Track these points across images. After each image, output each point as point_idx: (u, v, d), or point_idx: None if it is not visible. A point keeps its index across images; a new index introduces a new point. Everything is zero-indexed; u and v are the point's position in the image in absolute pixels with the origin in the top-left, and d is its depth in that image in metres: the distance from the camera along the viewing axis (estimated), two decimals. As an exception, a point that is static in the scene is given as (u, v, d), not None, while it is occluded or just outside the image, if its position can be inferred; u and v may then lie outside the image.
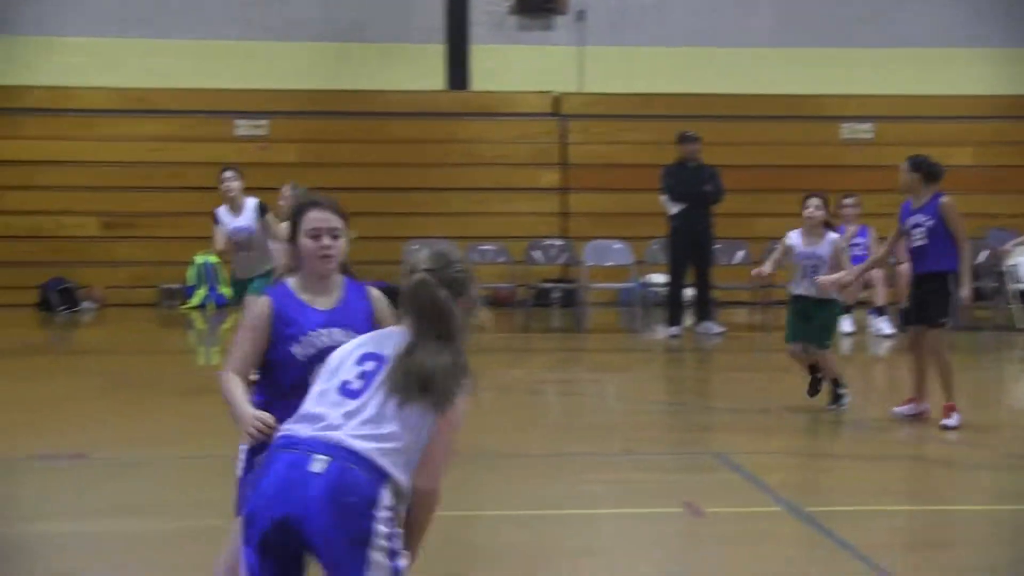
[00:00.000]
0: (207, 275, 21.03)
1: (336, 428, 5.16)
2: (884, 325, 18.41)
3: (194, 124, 21.62)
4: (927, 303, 11.62)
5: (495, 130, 22.11)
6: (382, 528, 5.06)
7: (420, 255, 5.38)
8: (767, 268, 13.09)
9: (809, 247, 13.06)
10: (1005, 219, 21.28)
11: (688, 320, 18.87)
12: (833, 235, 13.04)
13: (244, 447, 5.87)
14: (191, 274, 20.98)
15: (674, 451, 11.53)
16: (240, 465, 5.93)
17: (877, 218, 18.85)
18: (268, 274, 12.70)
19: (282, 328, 6.04)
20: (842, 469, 10.92)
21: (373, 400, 5.20)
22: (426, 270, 5.29)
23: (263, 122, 21.90)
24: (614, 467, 10.13)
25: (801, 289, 13.12)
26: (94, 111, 21.62)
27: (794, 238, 13.19)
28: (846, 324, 18.34)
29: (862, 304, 18.69)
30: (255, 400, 5.94)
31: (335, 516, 5.02)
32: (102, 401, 12.61)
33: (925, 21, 22.82)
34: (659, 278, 19.63)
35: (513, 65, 22.43)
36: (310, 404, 5.24)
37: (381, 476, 5.09)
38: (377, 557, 5.03)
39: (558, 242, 20.52)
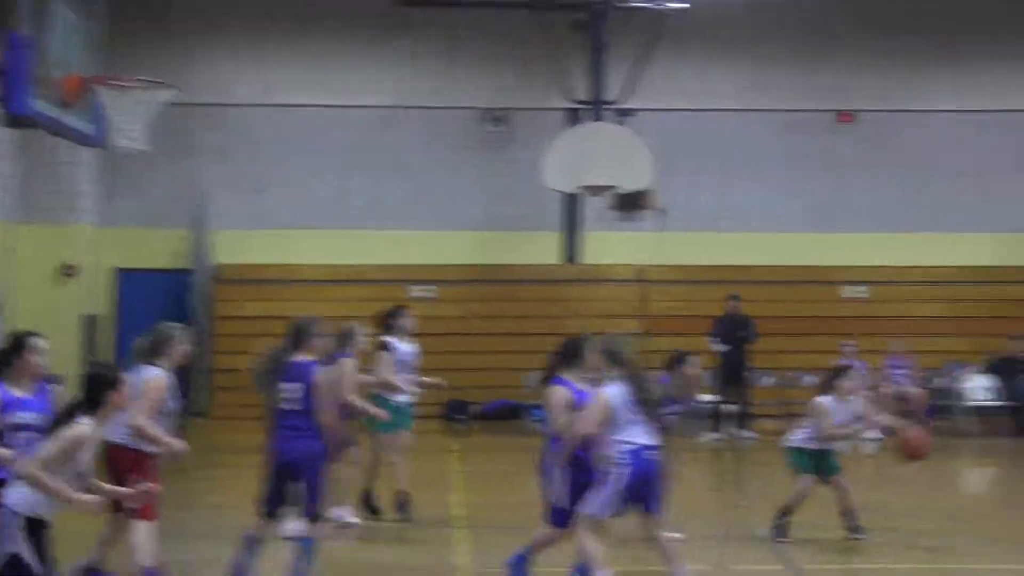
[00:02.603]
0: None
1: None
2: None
3: (384, 289, 21.75)
4: None
5: (596, 292, 22.25)
6: None
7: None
8: None
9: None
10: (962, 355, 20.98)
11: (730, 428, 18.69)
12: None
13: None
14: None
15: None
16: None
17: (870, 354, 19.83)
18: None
19: None
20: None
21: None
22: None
23: (433, 287, 22.13)
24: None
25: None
26: (316, 281, 22.00)
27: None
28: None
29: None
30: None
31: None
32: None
33: (901, 210, 22.73)
34: (708, 397, 19.37)
35: (610, 245, 22.55)
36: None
37: None
38: None
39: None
